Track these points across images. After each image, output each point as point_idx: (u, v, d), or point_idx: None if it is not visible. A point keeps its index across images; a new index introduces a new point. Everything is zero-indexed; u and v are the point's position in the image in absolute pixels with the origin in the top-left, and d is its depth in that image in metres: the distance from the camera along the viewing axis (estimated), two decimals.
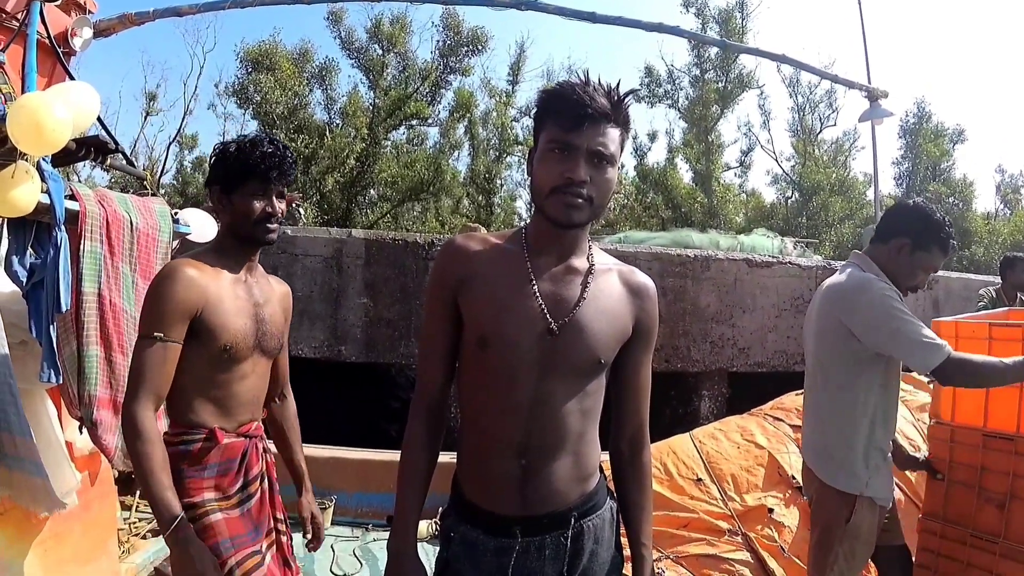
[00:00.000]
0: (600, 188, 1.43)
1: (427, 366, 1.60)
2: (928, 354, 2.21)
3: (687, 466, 3.95)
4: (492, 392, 1.51)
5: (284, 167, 1.98)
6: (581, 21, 4.70)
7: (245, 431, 2.04)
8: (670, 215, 25.26)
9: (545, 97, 1.48)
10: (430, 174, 22.79)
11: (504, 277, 1.50)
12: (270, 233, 2.01)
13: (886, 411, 2.40)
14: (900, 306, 2.28)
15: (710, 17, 25.30)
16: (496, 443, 1.50)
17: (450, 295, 1.53)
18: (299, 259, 8.24)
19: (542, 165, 1.44)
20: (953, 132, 27.08)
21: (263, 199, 1.96)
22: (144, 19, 4.54)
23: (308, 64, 24.00)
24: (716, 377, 8.61)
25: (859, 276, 2.42)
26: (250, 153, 1.94)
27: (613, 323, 1.54)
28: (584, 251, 1.57)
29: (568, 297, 1.50)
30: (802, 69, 12.25)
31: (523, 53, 25.74)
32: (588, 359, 1.50)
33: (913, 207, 2.49)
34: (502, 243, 1.57)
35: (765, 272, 8.77)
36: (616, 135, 1.44)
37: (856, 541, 2.37)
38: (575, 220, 1.44)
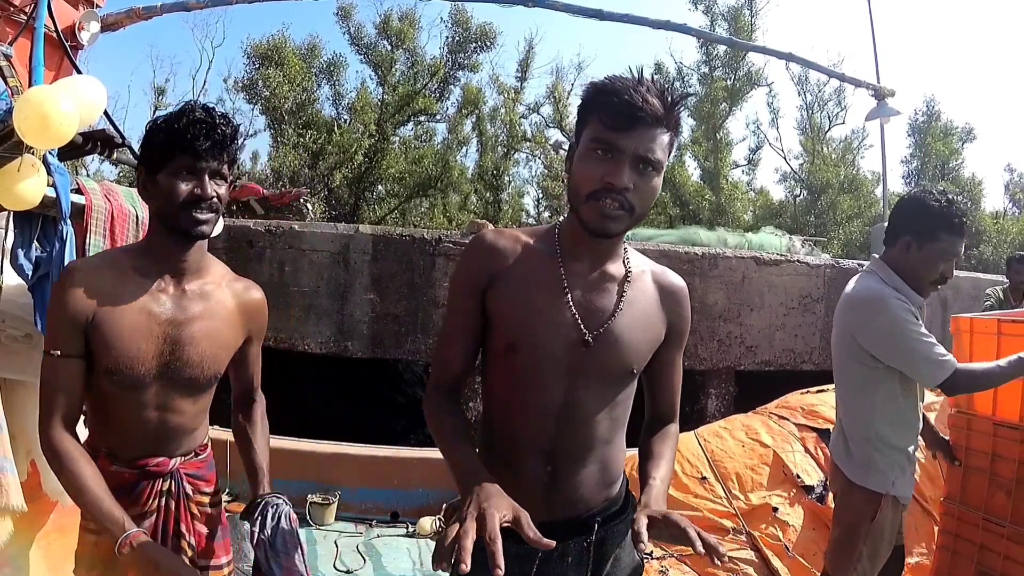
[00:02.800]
0: (643, 197, 1.35)
1: (446, 356, 1.54)
2: (935, 370, 2.28)
3: (692, 464, 3.95)
4: (519, 397, 1.47)
5: (217, 138, 1.61)
6: (589, 18, 4.69)
7: (142, 464, 1.69)
8: (678, 212, 25.16)
9: (592, 91, 1.38)
10: (438, 170, 22.75)
11: (536, 281, 1.45)
12: (200, 224, 1.62)
13: (905, 415, 2.40)
14: (912, 326, 2.29)
15: (718, 15, 25.15)
16: (522, 448, 1.47)
17: (478, 292, 1.47)
18: (306, 254, 8.24)
19: (583, 165, 1.36)
20: (962, 131, 26.82)
21: (191, 178, 1.60)
22: (152, 13, 4.56)
23: (316, 59, 23.94)
24: (723, 375, 8.56)
25: (873, 290, 2.39)
26: (176, 122, 1.59)
27: (647, 331, 1.51)
28: (620, 255, 1.52)
29: (602, 307, 1.46)
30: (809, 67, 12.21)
31: (532, 50, 25.69)
32: (621, 369, 1.48)
33: (908, 200, 2.48)
34: (534, 243, 1.50)
35: (773, 270, 8.72)
36: (666, 140, 1.36)
37: (880, 540, 2.38)
38: (611, 230, 1.37)
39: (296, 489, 5.02)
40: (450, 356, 1.53)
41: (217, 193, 1.64)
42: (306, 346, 8.03)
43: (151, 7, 4.51)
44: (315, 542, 4.59)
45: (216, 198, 1.63)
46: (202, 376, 1.71)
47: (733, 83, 25.67)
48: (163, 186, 1.60)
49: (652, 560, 3.45)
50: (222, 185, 1.66)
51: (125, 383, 1.62)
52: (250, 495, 1.85)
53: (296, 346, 8.02)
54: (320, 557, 4.33)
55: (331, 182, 22.40)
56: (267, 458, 1.92)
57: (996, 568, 2.75)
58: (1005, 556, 2.72)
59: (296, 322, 8.08)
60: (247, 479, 1.89)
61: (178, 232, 1.63)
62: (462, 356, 1.53)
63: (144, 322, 1.62)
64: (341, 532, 4.72)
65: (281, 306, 8.05)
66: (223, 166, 1.65)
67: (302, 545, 1.77)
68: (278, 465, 4.97)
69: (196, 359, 1.68)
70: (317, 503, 4.90)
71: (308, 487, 5.02)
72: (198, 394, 1.75)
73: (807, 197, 26.62)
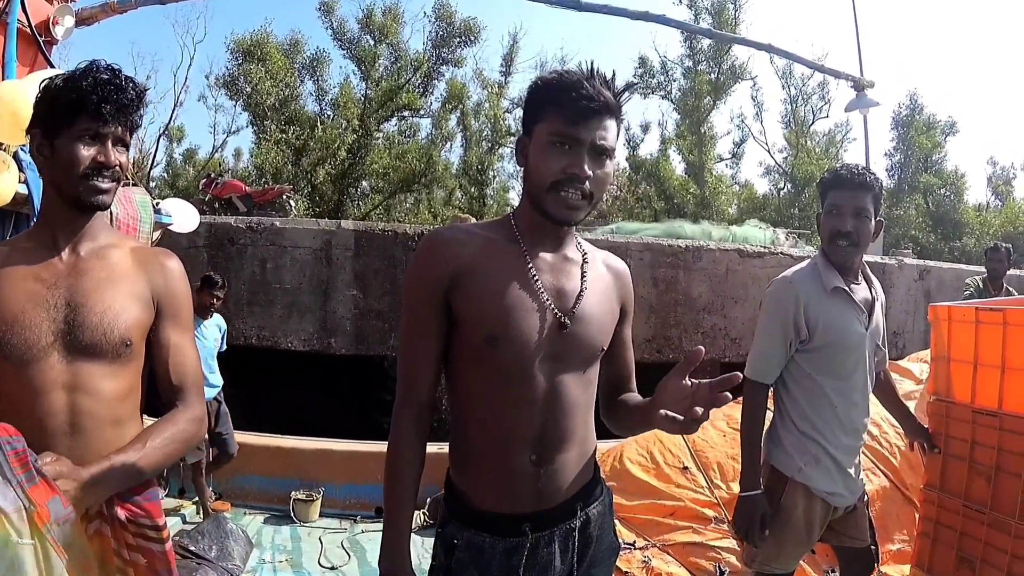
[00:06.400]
0: (599, 183, 1.42)
1: (415, 368, 1.50)
2: (750, 365, 2.42)
3: (673, 454, 3.98)
4: (503, 390, 1.46)
5: (125, 102, 1.48)
6: (567, 9, 4.70)
7: None
8: (663, 206, 25.25)
9: (544, 87, 1.44)
10: (422, 166, 22.67)
11: (504, 271, 1.45)
12: (100, 193, 1.50)
13: (815, 405, 2.37)
14: (773, 315, 2.38)
15: (703, 8, 25.20)
16: (509, 441, 1.47)
17: (440, 293, 1.45)
18: (288, 251, 8.19)
19: (543, 158, 1.41)
20: (945, 124, 27.04)
21: (94, 144, 1.47)
22: (127, 7, 4.53)
23: (299, 55, 23.83)
24: (708, 367, 8.52)
25: (785, 273, 2.47)
26: (79, 81, 1.45)
27: (610, 310, 1.57)
28: (574, 239, 1.57)
29: (570, 289, 1.50)
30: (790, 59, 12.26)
31: (516, 44, 25.61)
32: (593, 347, 1.52)
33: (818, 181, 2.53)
34: (491, 233, 1.51)
35: (757, 262, 8.76)
36: (615, 127, 1.43)
37: (786, 527, 2.35)
38: (574, 218, 1.44)
39: (280, 486, 5.00)
40: (419, 367, 1.50)
41: (120, 162, 1.51)
42: (289, 344, 8.00)
43: (126, 1, 4.48)
44: (299, 539, 4.57)
45: (119, 167, 1.51)
46: (105, 342, 1.48)
47: (717, 77, 25.74)
48: (62, 152, 1.46)
49: (635, 550, 3.46)
50: (124, 153, 1.54)
51: (16, 355, 1.42)
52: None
53: (279, 344, 7.98)
54: (305, 554, 4.31)
55: (314, 178, 22.30)
56: (144, 454, 1.46)
57: (976, 554, 2.76)
58: (985, 542, 2.73)
59: (279, 320, 8.04)
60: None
61: (77, 202, 1.50)
62: (433, 366, 1.50)
63: (32, 287, 1.46)
64: (326, 528, 4.71)
65: (263, 303, 8.02)
66: (127, 133, 1.53)
67: None
68: (262, 463, 5.00)
69: (94, 321, 1.48)
70: (301, 500, 4.88)
71: (292, 484, 5.00)
72: (109, 367, 1.50)
73: (791, 190, 26.79)
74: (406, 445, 1.48)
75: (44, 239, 1.53)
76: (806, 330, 2.33)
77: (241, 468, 5.11)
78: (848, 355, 2.35)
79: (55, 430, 1.43)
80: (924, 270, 10.09)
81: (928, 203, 25.94)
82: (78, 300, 1.48)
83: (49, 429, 1.43)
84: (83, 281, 1.51)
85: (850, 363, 2.36)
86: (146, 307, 1.58)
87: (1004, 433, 2.73)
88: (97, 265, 1.54)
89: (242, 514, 4.98)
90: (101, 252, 1.57)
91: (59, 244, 1.53)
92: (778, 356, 2.38)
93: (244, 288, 8.14)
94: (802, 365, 2.38)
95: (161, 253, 1.69)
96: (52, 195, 1.54)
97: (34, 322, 1.44)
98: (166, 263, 1.65)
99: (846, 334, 2.33)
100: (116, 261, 1.58)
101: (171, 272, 1.65)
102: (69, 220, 1.54)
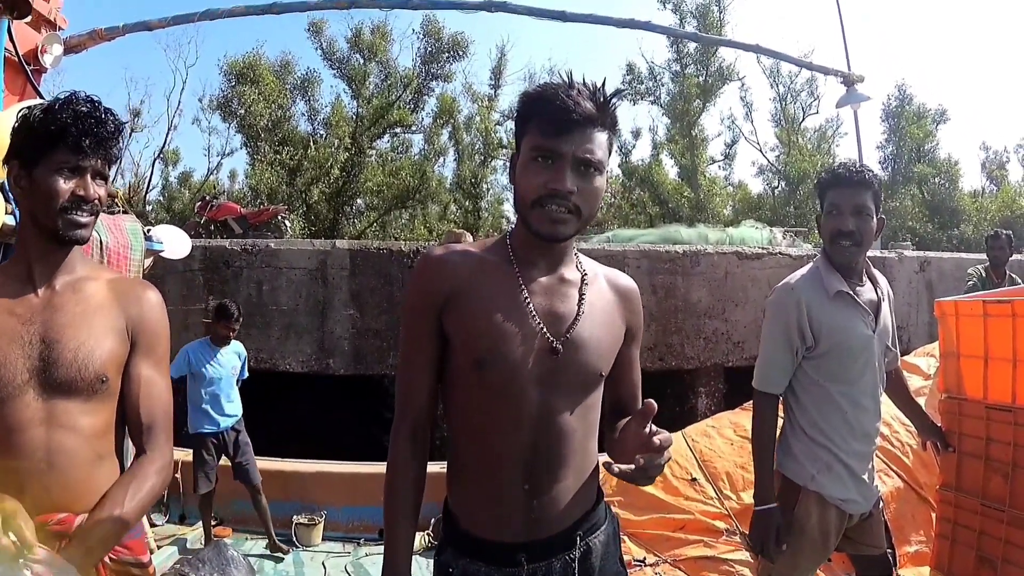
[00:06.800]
0: (588, 198, 1.36)
1: (411, 388, 1.49)
2: (758, 373, 2.38)
3: (680, 466, 3.90)
4: (492, 414, 1.42)
5: (103, 134, 1.46)
6: (552, 20, 4.68)
7: (41, 521, 1.35)
8: (657, 211, 25.23)
9: (527, 101, 1.40)
10: (416, 181, 22.68)
11: (495, 293, 1.42)
12: (79, 227, 1.47)
13: (824, 411, 2.32)
14: (776, 321, 2.34)
15: (687, 12, 25.29)
16: (498, 466, 1.42)
17: (434, 314, 1.43)
18: (283, 272, 8.13)
19: (525, 174, 1.37)
20: (935, 112, 27.05)
21: (73, 177, 1.45)
22: (114, 34, 4.51)
23: (290, 76, 23.89)
24: (712, 373, 8.52)
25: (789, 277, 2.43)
26: (58, 113, 1.43)
27: (611, 333, 1.50)
28: (573, 259, 1.51)
29: (565, 312, 1.44)
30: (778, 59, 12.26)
31: (504, 57, 25.68)
32: (590, 373, 1.45)
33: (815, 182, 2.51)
34: (486, 255, 1.48)
35: (755, 264, 8.70)
36: (603, 139, 1.37)
37: (801, 537, 2.30)
38: (560, 234, 1.37)
39: (281, 510, 4.94)
40: (416, 387, 1.49)
41: (99, 195, 1.50)
42: (287, 365, 7.93)
43: (113, 28, 4.47)
44: (302, 563, 4.52)
45: (98, 200, 1.49)
46: (80, 378, 1.45)
47: (705, 79, 25.80)
48: (40, 184, 1.44)
49: (645, 567, 3.38)
50: (103, 186, 1.52)
51: None
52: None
53: (277, 366, 7.91)
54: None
55: (309, 198, 22.29)
56: (120, 520, 1.41)
57: (997, 553, 2.71)
58: (1006, 541, 2.68)
59: (276, 341, 7.97)
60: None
61: (55, 236, 1.48)
62: (428, 384, 1.49)
63: (6, 323, 1.44)
64: (328, 552, 4.66)
65: (260, 325, 7.95)
66: (106, 166, 1.51)
67: None
68: (263, 486, 4.92)
69: (68, 358, 1.45)
70: (303, 524, 4.83)
71: (293, 508, 4.97)
72: (86, 403, 1.48)
73: (785, 188, 26.80)
74: (403, 463, 1.46)
75: (20, 273, 1.50)
76: (811, 336, 2.28)
77: (242, 492, 5.07)
78: (855, 359, 2.29)
79: (31, 468, 1.40)
80: (924, 261, 10.03)
81: (923, 193, 25.88)
82: (52, 336, 1.45)
83: (25, 467, 1.40)
84: (58, 316, 1.48)
85: (857, 367, 2.30)
86: (121, 340, 1.55)
87: (1020, 428, 2.69)
88: (72, 299, 1.51)
89: (244, 539, 4.93)
90: (77, 285, 1.54)
91: (35, 278, 1.50)
92: (785, 365, 2.33)
93: (241, 311, 8.04)
94: (809, 372, 2.33)
95: (138, 284, 1.67)
96: (30, 228, 1.51)
97: (9, 359, 1.41)
98: (143, 294, 1.62)
99: (852, 338, 2.28)
100: (91, 294, 1.55)
101: (147, 303, 1.61)
102: (46, 253, 1.51)
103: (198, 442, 4.77)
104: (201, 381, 4.80)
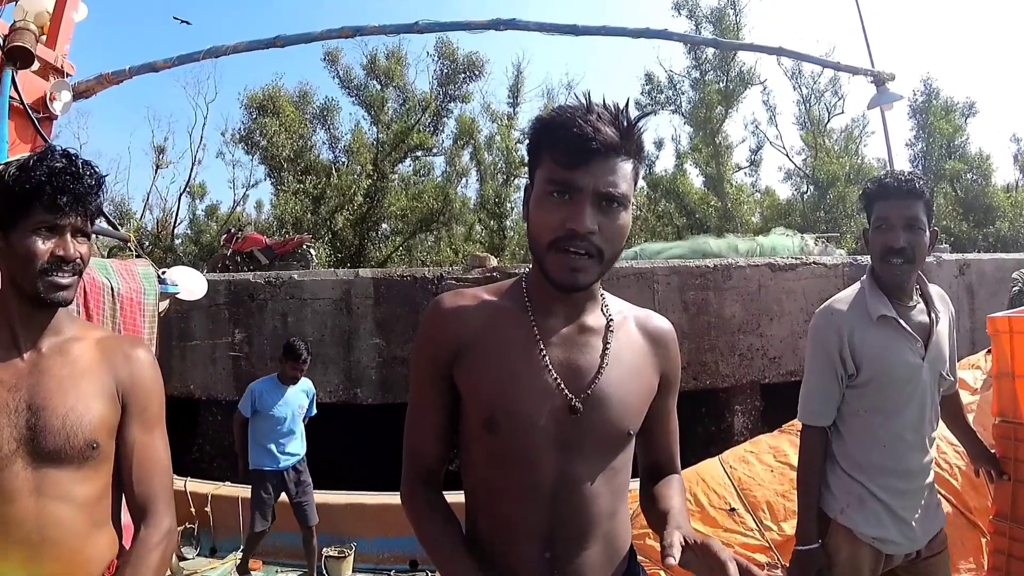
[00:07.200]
0: (611, 238, 1.20)
1: (418, 445, 1.37)
2: (803, 408, 2.25)
3: (719, 495, 3.73)
4: (506, 478, 1.28)
5: (80, 190, 1.39)
6: (564, 35, 4.56)
7: None
8: (684, 222, 24.95)
9: (540, 126, 1.24)
10: (439, 204, 22.74)
11: (507, 345, 1.27)
12: (60, 289, 1.40)
13: (861, 443, 2.17)
14: (820, 350, 2.19)
15: (703, 17, 25.09)
16: (516, 534, 1.28)
17: (443, 367, 1.30)
18: (308, 303, 8.13)
19: (539, 211, 1.22)
20: (964, 106, 26.38)
21: (51, 237, 1.39)
22: (121, 77, 4.53)
23: (309, 105, 24.15)
24: (748, 390, 8.32)
25: (829, 300, 2.30)
26: (32, 171, 1.37)
27: (639, 385, 1.33)
28: (598, 302, 1.34)
29: (586, 365, 1.28)
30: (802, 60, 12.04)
31: (520, 74, 25.65)
32: (615, 433, 1.29)
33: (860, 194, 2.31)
34: (499, 300, 1.33)
35: (790, 275, 8.48)
36: (628, 170, 1.21)
37: (833, 571, 2.16)
38: (579, 282, 1.21)
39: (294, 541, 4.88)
40: (423, 444, 1.37)
41: (80, 254, 1.43)
42: None
43: (120, 71, 4.50)
44: None
45: (80, 259, 1.43)
46: (69, 446, 1.38)
47: (726, 85, 25.53)
48: (18, 246, 1.38)
49: None
50: (85, 243, 1.45)
51: None
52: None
53: None
54: None
55: (334, 225, 22.43)
56: None
57: None
58: None
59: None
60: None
61: (36, 299, 1.41)
62: (436, 442, 1.37)
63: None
64: None
65: None
66: (87, 222, 1.45)
67: None
68: (293, 519, 4.86)
69: (56, 425, 1.37)
70: (333, 556, 4.80)
71: (323, 540, 4.99)
72: (78, 471, 1.40)
73: (814, 192, 26.34)
74: (426, 508, 1.35)
75: (4, 338, 1.43)
76: (852, 364, 2.13)
77: (274, 525, 5.02)
78: (899, 390, 2.13)
79: (23, 540, 1.34)
80: (964, 264, 9.72)
81: (956, 190, 25.25)
82: (39, 402, 1.38)
83: (16, 539, 1.33)
84: (44, 381, 1.41)
85: (901, 398, 2.14)
86: (112, 403, 1.48)
87: None
88: (59, 362, 1.45)
89: (274, 572, 4.91)
90: (64, 347, 1.47)
91: (20, 342, 1.44)
92: (829, 394, 2.18)
93: (267, 343, 8.15)
94: (849, 401, 2.19)
95: (127, 342, 1.61)
96: (10, 291, 1.44)
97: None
98: (131, 352, 1.55)
99: (895, 366, 2.11)
100: (79, 356, 1.48)
101: (137, 362, 1.54)
102: (29, 317, 1.45)
103: (257, 479, 4.78)
104: (266, 419, 4.82)
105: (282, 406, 4.86)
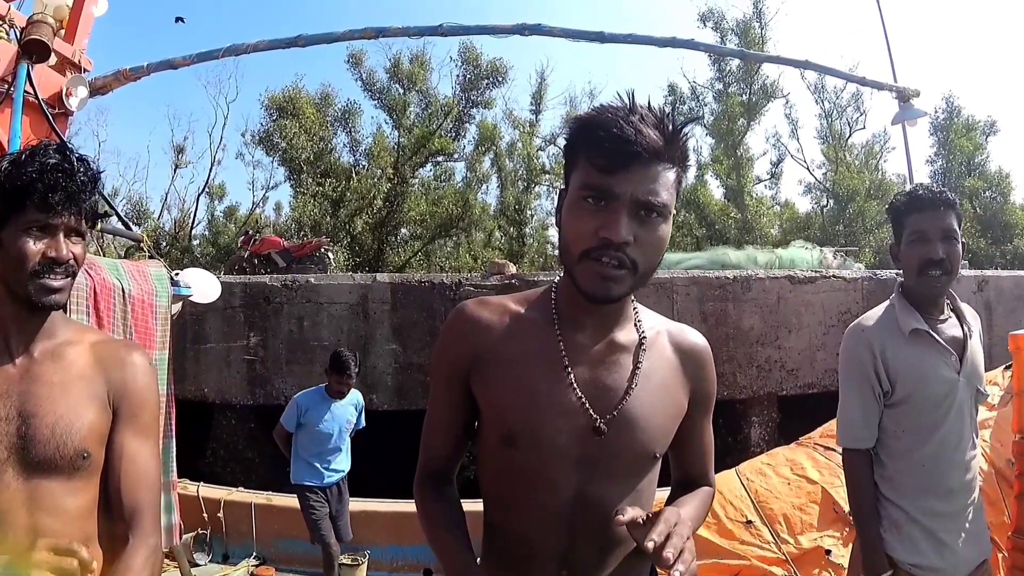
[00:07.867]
0: (648, 250, 1.12)
1: (432, 443, 1.35)
2: (843, 432, 2.19)
3: (735, 507, 3.69)
4: (523, 496, 1.23)
5: (73, 188, 1.33)
6: (590, 42, 4.52)
7: None
8: (704, 233, 24.85)
9: (578, 126, 1.15)
10: (459, 209, 22.78)
11: (531, 359, 1.21)
12: (53, 292, 1.34)
13: (899, 465, 2.11)
14: (853, 370, 2.14)
15: (728, 29, 25.05)
16: (532, 556, 1.23)
17: (460, 375, 1.25)
18: (324, 307, 8.11)
19: (572, 218, 1.13)
20: (985, 124, 26.33)
21: (43, 237, 1.32)
22: (139, 74, 4.52)
23: (330, 107, 24.26)
24: (765, 402, 8.25)
25: (859, 318, 2.24)
26: (24, 167, 1.30)
27: (669, 406, 1.27)
28: (630, 317, 1.28)
29: (613, 384, 1.21)
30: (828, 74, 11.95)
31: (544, 81, 25.71)
32: (641, 456, 1.23)
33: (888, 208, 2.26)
34: (525, 312, 1.27)
35: (809, 288, 8.42)
36: (670, 178, 1.12)
37: None
38: (612, 294, 1.13)
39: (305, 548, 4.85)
40: (436, 444, 1.35)
41: (74, 254, 1.36)
42: None
43: (138, 68, 4.48)
44: None
45: (73, 260, 1.36)
46: (59, 456, 1.32)
47: (749, 98, 25.47)
48: (8, 247, 1.31)
49: None
50: (79, 244, 1.38)
51: None
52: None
53: None
54: None
55: (353, 228, 22.49)
56: None
57: None
58: None
59: (318, 378, 7.89)
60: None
61: (28, 302, 1.34)
62: (448, 446, 1.34)
63: None
64: None
65: (302, 361, 7.92)
66: (81, 222, 1.38)
67: None
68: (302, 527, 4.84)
69: (46, 433, 1.31)
70: (346, 564, 4.75)
71: None
72: (69, 482, 1.34)
73: (834, 207, 26.21)
74: (431, 497, 1.33)
75: None
76: (887, 381, 2.07)
77: (284, 532, 5.01)
78: (936, 406, 2.06)
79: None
80: (982, 281, 9.59)
81: (975, 207, 25.08)
82: (29, 410, 1.32)
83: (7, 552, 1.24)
84: (36, 387, 1.35)
85: (938, 414, 2.06)
86: (102, 410, 1.41)
87: None
88: (51, 368, 1.38)
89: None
90: (58, 351, 1.41)
91: (12, 347, 1.37)
92: (868, 415, 2.12)
93: (282, 347, 8.12)
94: (886, 423, 2.12)
95: (123, 347, 1.53)
96: (2, 294, 1.37)
97: None
98: (127, 358, 1.48)
99: (931, 382, 2.05)
100: (72, 361, 1.41)
101: (132, 368, 1.47)
102: (22, 321, 1.38)
103: (301, 496, 4.62)
104: (311, 435, 4.65)
105: (329, 421, 4.68)
